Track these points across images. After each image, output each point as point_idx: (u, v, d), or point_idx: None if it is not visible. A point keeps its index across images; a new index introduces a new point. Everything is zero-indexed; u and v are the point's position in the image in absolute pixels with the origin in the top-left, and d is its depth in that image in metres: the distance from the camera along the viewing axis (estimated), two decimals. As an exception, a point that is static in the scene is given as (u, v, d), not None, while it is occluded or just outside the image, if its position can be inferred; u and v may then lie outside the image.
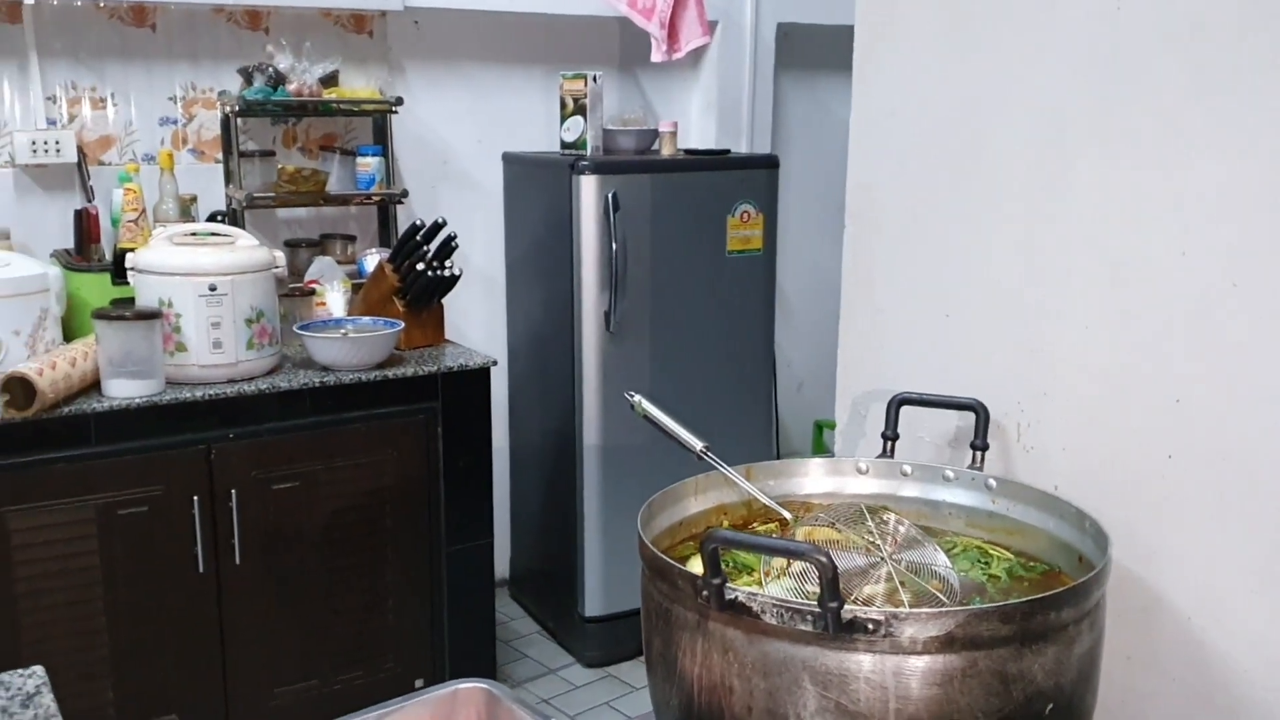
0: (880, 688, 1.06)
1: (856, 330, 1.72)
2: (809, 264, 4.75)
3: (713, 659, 1.13)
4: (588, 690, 3.65)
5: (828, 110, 4.82)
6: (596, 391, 3.63)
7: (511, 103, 4.06)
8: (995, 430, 1.49)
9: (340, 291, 3.30)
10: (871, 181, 1.67)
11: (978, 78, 1.50)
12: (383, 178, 3.57)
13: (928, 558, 1.26)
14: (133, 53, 3.43)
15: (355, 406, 3.05)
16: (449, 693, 1.27)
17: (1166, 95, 1.30)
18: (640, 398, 1.51)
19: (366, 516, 3.10)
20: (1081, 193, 1.39)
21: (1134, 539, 1.37)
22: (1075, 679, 1.13)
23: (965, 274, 1.54)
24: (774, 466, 1.51)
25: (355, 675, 3.15)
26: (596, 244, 3.53)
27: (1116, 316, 1.37)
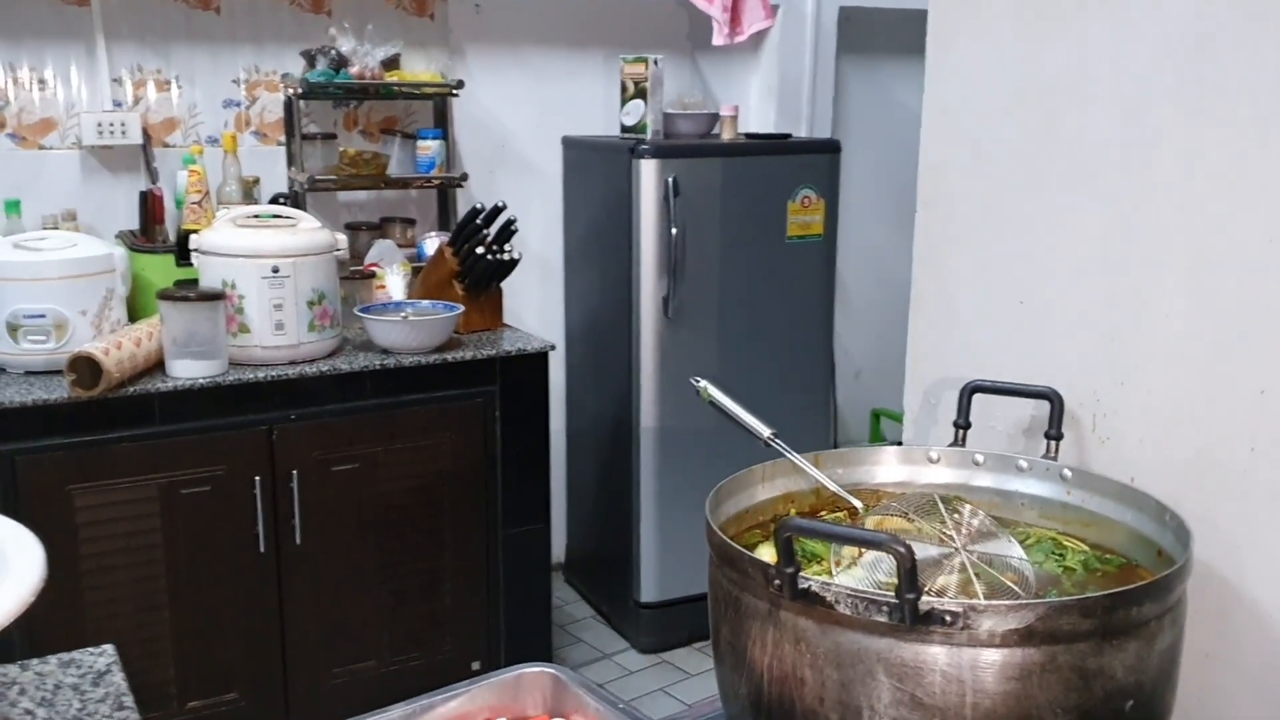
0: (957, 681, 1.03)
1: (927, 316, 1.69)
2: (868, 251, 4.71)
3: (784, 649, 1.11)
4: (642, 676, 3.65)
5: (889, 95, 4.76)
6: (654, 377, 3.61)
7: (571, 86, 4.05)
8: (1070, 420, 1.45)
9: (400, 275, 3.31)
10: (944, 164, 1.64)
11: (1057, 57, 1.47)
12: (443, 161, 3.58)
13: (1003, 549, 1.23)
14: (197, 35, 3.45)
15: (414, 389, 3.06)
16: (514, 677, 1.26)
17: (1256, 77, 1.25)
18: (706, 383, 1.49)
19: (424, 499, 3.11)
20: (1165, 176, 1.35)
21: (1214, 534, 1.33)
22: (1156, 676, 1.10)
23: (1041, 260, 1.51)
24: (843, 454, 1.49)
25: (412, 657, 3.17)
26: (656, 229, 3.51)
27: (1199, 304, 1.33)
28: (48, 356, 2.72)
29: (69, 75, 3.33)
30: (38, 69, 3.29)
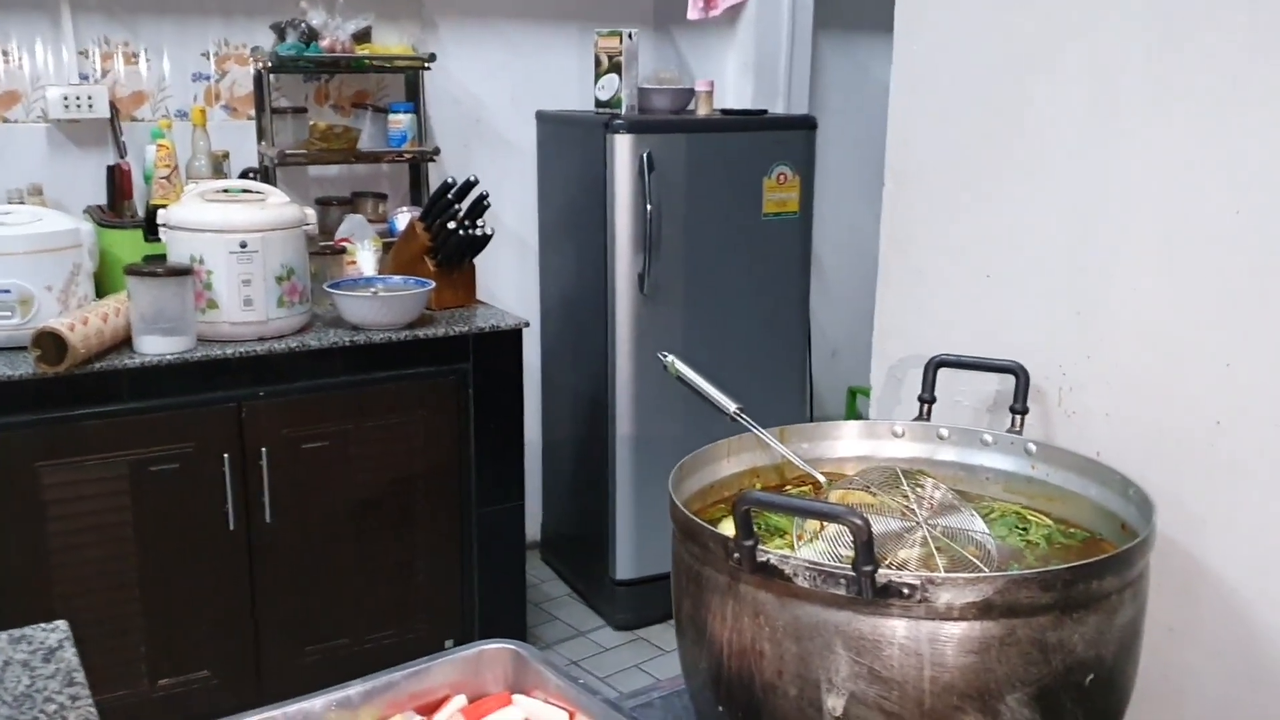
0: (915, 654, 1.03)
1: (894, 290, 1.68)
2: (845, 228, 4.70)
3: (743, 622, 1.10)
4: (617, 653, 3.65)
5: (866, 71, 4.74)
6: (629, 354, 3.60)
7: (545, 60, 4.02)
8: (1035, 394, 1.45)
9: (371, 250, 3.28)
10: (912, 139, 1.62)
11: (1025, 34, 1.45)
12: (415, 135, 3.55)
13: (965, 523, 1.23)
14: (166, 8, 3.41)
15: (386, 366, 3.03)
16: (475, 653, 1.25)
17: (1222, 50, 1.24)
18: (673, 358, 1.48)
19: (397, 477, 3.10)
20: (1132, 150, 1.34)
21: (1178, 508, 1.33)
22: (1116, 650, 1.10)
23: (1008, 233, 1.50)
24: (807, 429, 1.48)
25: (386, 635, 3.16)
26: (631, 205, 3.49)
27: (1166, 278, 1.33)
28: (12, 332, 2.69)
29: (34, 47, 3.28)
30: (1, 41, 3.24)
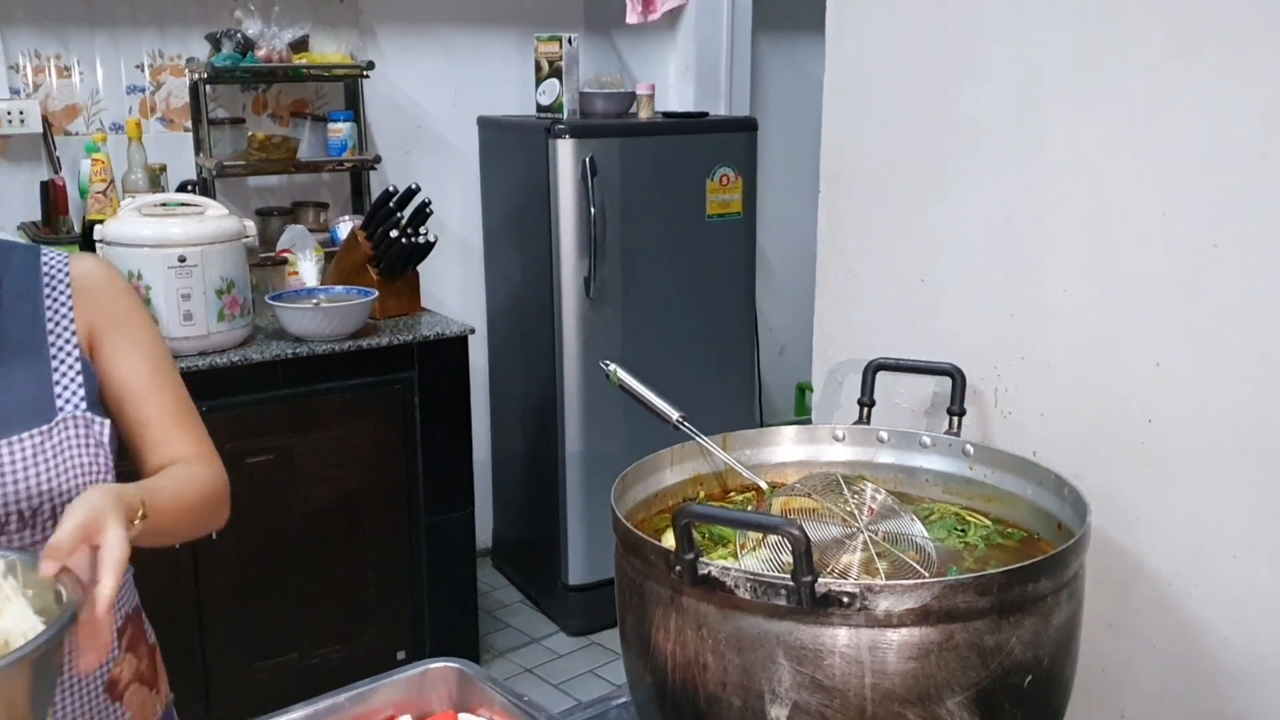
0: (855, 662, 1.04)
1: (832, 295, 1.70)
2: (790, 227, 4.72)
3: (686, 635, 1.11)
4: (571, 659, 3.64)
5: (806, 72, 4.76)
6: (577, 358, 3.60)
7: (486, 65, 4.00)
8: (972, 396, 1.46)
9: (313, 260, 3.26)
10: (846, 143, 1.64)
11: (954, 37, 1.47)
12: (355, 143, 3.52)
13: (904, 528, 1.24)
14: (98, 19, 3.35)
15: (330, 377, 3.01)
16: (419, 672, 1.25)
17: (1145, 54, 1.26)
18: (615, 366, 1.48)
19: (343, 489, 3.07)
20: (1059, 153, 1.36)
21: (1114, 505, 1.35)
22: (1054, 650, 1.11)
23: (941, 237, 1.51)
24: (750, 435, 1.48)
25: (335, 649, 3.14)
26: (575, 209, 3.49)
27: (1095, 279, 1.35)
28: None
29: (-38, 61, 3.22)
30: (-71, 55, 3.18)
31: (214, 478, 1.40)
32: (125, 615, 1.46)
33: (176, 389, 1.44)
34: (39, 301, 1.35)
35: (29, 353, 1.33)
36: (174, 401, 1.42)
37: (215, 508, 1.40)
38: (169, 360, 1.45)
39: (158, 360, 1.43)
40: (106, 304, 1.40)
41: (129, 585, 1.50)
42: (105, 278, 1.43)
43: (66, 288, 1.37)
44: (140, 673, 1.47)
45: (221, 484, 1.42)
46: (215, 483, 1.40)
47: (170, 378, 1.44)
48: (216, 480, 1.41)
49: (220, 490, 1.41)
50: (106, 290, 1.41)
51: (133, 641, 1.46)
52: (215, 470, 1.42)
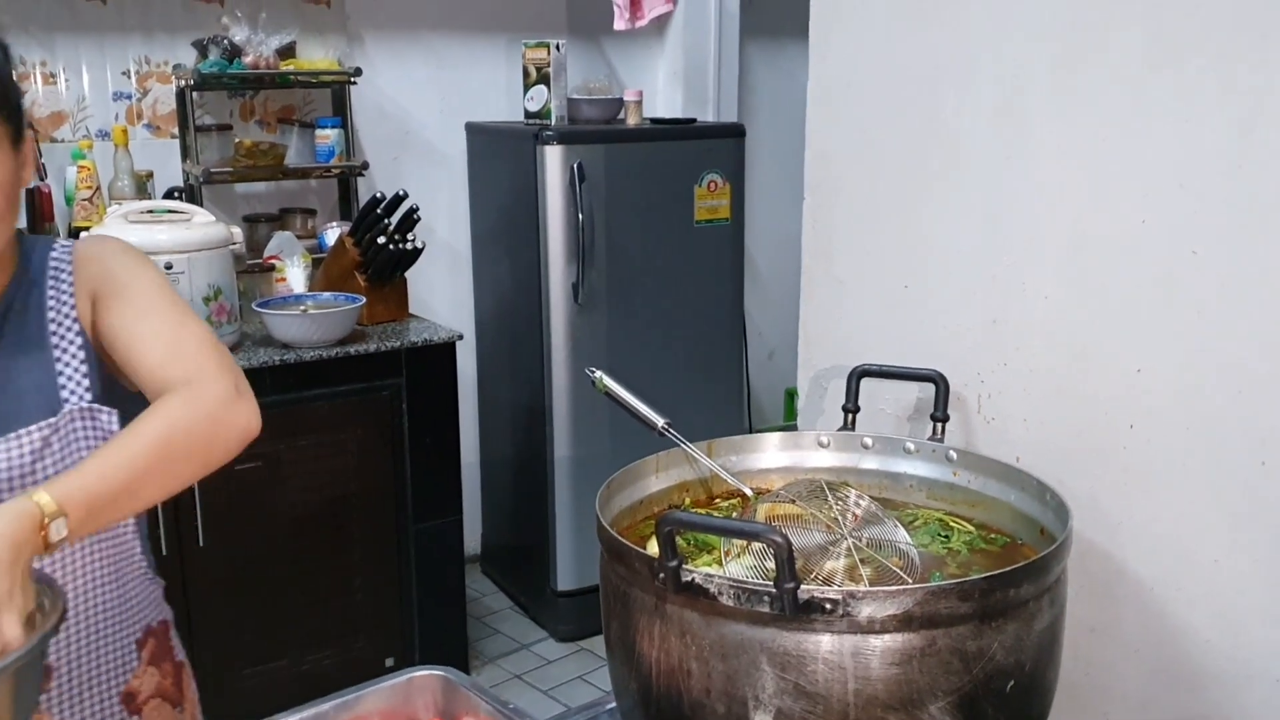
0: (839, 668, 1.04)
1: (817, 302, 1.70)
2: (778, 232, 4.73)
3: (670, 642, 1.11)
4: (560, 665, 3.64)
5: (793, 78, 4.77)
6: (565, 364, 3.60)
7: (474, 72, 4.01)
8: (956, 402, 1.47)
9: (300, 267, 3.25)
10: (830, 152, 1.64)
11: (936, 47, 1.48)
12: (342, 150, 3.52)
13: (888, 534, 1.24)
14: (84, 26, 3.35)
15: (317, 384, 3.01)
16: (405, 680, 1.25)
17: (1125, 63, 1.27)
18: (601, 374, 1.49)
19: (332, 496, 3.07)
20: (1041, 162, 1.37)
21: (1097, 510, 1.36)
22: (1036, 655, 1.12)
23: (924, 245, 1.52)
24: (735, 442, 1.49)
25: (324, 655, 3.13)
26: (563, 215, 3.49)
27: (1076, 286, 1.36)
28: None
29: (-52, 69, 3.21)
30: (-85, 62, 3.17)
31: (188, 405, 1.24)
32: (145, 627, 1.45)
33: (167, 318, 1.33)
34: (44, 293, 1.34)
35: (33, 346, 1.32)
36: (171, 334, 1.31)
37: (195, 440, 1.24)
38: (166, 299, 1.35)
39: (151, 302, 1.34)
40: (101, 269, 1.36)
41: (153, 599, 1.49)
42: (101, 246, 1.39)
43: (70, 272, 1.36)
44: (163, 689, 1.46)
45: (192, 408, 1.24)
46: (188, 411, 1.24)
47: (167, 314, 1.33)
48: (193, 406, 1.24)
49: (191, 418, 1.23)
50: (103, 257, 1.37)
51: (155, 656, 1.46)
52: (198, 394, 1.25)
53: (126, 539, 1.42)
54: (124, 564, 1.42)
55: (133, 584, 1.44)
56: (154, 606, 1.48)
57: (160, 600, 1.51)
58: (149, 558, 1.49)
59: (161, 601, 1.51)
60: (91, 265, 1.37)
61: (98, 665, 1.40)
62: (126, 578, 1.43)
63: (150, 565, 1.49)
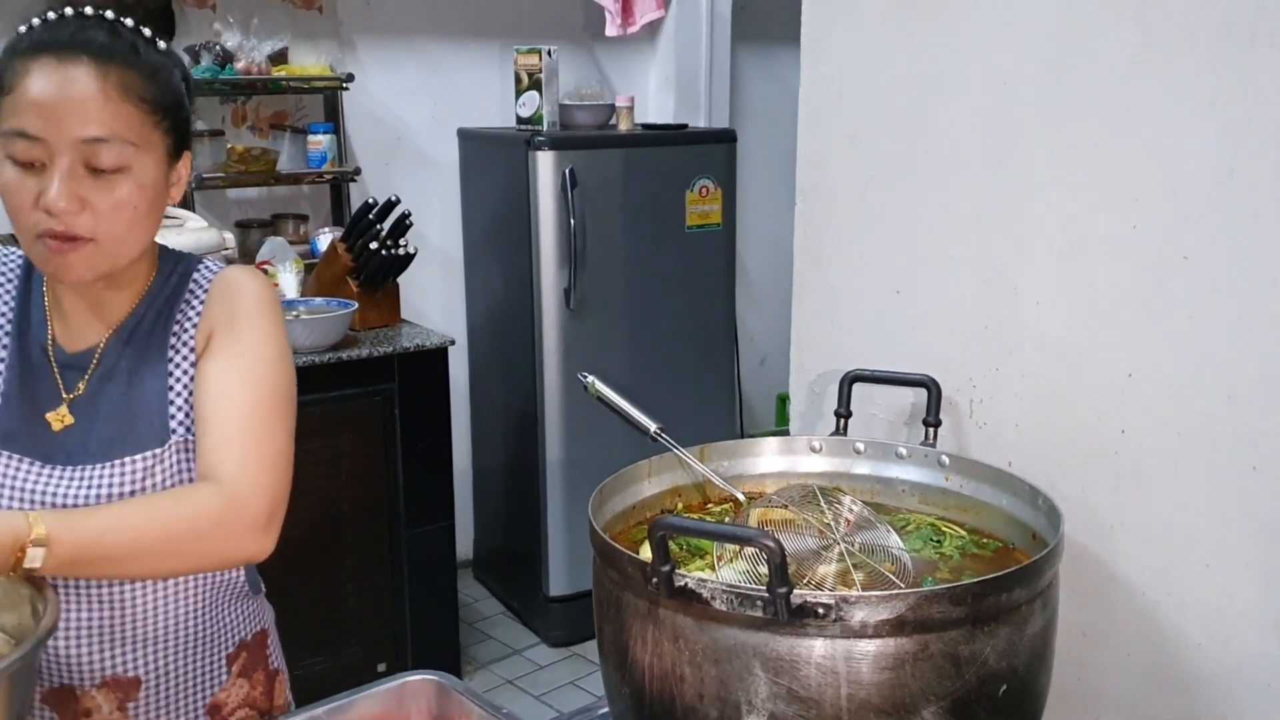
0: (831, 673, 1.04)
1: (809, 307, 1.71)
2: (769, 237, 4.73)
3: (663, 647, 1.11)
4: (553, 670, 3.64)
5: (785, 83, 4.77)
6: (557, 369, 3.60)
7: (466, 78, 4.01)
8: (948, 407, 1.47)
9: (293, 272, 3.25)
10: (822, 157, 1.65)
11: (927, 53, 1.48)
12: (335, 155, 3.52)
13: (881, 539, 1.25)
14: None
15: (310, 390, 2.96)
16: (398, 685, 1.25)
17: (1116, 68, 1.28)
18: (594, 379, 1.49)
19: (324, 501, 3.07)
20: (1032, 167, 1.38)
21: (1088, 514, 1.36)
22: (1029, 659, 1.12)
23: (916, 250, 1.53)
24: (728, 447, 1.49)
25: (317, 661, 3.12)
26: (555, 220, 3.49)
27: (1068, 291, 1.36)
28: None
29: (-61, 74, 3.20)
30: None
31: (204, 505, 1.21)
32: (239, 642, 1.44)
33: (255, 400, 1.29)
34: (174, 313, 1.34)
35: (155, 365, 1.32)
36: (242, 411, 1.28)
37: (203, 545, 1.22)
38: (271, 381, 1.31)
39: (256, 375, 1.30)
40: (230, 306, 1.34)
41: (250, 613, 1.47)
42: (242, 282, 1.36)
43: (203, 300, 1.35)
44: (252, 700, 1.45)
45: (215, 515, 1.21)
46: (201, 511, 1.21)
47: (260, 397, 1.29)
48: (207, 509, 1.21)
49: (208, 521, 1.21)
50: (238, 297, 1.34)
51: (247, 668, 1.45)
52: (230, 504, 1.22)
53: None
54: (221, 584, 1.41)
55: (229, 603, 1.43)
56: (251, 619, 1.47)
57: (259, 609, 1.49)
58: (250, 571, 1.47)
59: (261, 610, 1.49)
60: (224, 301, 1.34)
61: (186, 679, 1.39)
62: (222, 598, 1.42)
63: (249, 581, 1.46)
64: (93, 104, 1.19)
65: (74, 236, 1.20)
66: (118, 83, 1.20)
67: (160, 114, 1.25)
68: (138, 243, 1.27)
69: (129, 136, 1.21)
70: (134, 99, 1.21)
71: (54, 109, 1.17)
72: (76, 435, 1.29)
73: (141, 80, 1.22)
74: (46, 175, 1.18)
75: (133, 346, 1.33)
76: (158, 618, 1.34)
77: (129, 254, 1.27)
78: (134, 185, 1.22)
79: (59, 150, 1.18)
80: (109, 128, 1.19)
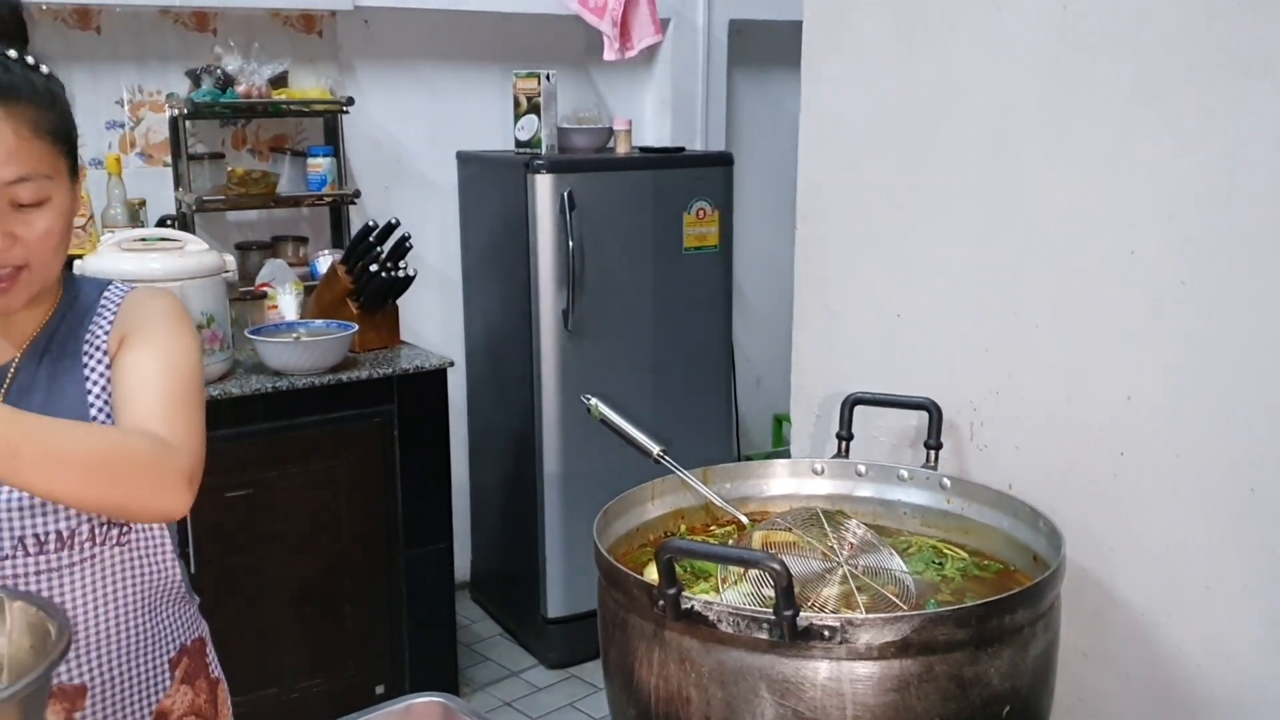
0: (836, 695, 1.05)
1: (809, 330, 1.72)
2: (765, 259, 4.76)
3: (669, 669, 1.12)
4: (550, 692, 3.63)
5: (781, 106, 4.82)
6: (555, 390, 3.61)
7: (465, 101, 4.03)
8: (949, 429, 1.49)
9: (292, 294, 3.26)
10: (822, 182, 1.67)
11: (926, 79, 1.50)
12: (334, 178, 3.54)
13: (884, 562, 1.26)
14: (77, 55, 3.36)
15: (309, 411, 3.01)
16: (403, 707, 1.26)
17: (1113, 96, 1.30)
18: (596, 401, 1.50)
19: (322, 522, 3.07)
20: (1030, 192, 1.40)
21: (1088, 537, 1.37)
22: (1031, 680, 1.13)
23: (916, 274, 1.54)
24: (731, 469, 1.50)
25: (315, 683, 3.12)
26: (553, 243, 3.51)
27: (1066, 315, 1.38)
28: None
29: (-59, 97, 3.22)
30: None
31: (145, 444, 1.22)
32: (180, 646, 1.46)
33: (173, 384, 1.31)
34: (86, 325, 1.38)
35: (70, 368, 1.36)
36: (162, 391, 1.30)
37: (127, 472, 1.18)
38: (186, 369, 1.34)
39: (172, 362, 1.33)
40: (142, 313, 1.39)
41: (189, 618, 1.50)
42: (154, 298, 1.43)
43: (115, 311, 1.39)
44: (197, 708, 1.47)
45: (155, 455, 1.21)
46: (143, 448, 1.21)
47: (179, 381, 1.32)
48: (149, 447, 1.21)
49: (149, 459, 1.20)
50: (149, 307, 1.40)
51: (189, 674, 1.47)
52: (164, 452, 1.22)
53: (162, 562, 1.44)
54: (159, 585, 1.44)
55: (168, 605, 1.46)
56: (189, 625, 1.50)
57: (196, 617, 1.52)
58: (186, 576, 1.50)
59: (197, 618, 1.53)
60: (136, 310, 1.40)
61: (131, 684, 1.41)
62: (161, 599, 1.45)
63: (187, 584, 1.51)
64: (8, 147, 1.21)
65: (11, 271, 1.25)
66: (27, 120, 1.23)
67: (63, 142, 1.29)
68: (60, 263, 1.32)
69: (44, 170, 1.25)
70: (42, 134, 1.25)
71: None
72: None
73: (45, 113, 1.26)
74: None
75: (48, 359, 1.36)
76: (100, 621, 1.37)
77: (54, 275, 1.33)
78: (55, 213, 1.27)
79: None
80: (27, 166, 1.23)
